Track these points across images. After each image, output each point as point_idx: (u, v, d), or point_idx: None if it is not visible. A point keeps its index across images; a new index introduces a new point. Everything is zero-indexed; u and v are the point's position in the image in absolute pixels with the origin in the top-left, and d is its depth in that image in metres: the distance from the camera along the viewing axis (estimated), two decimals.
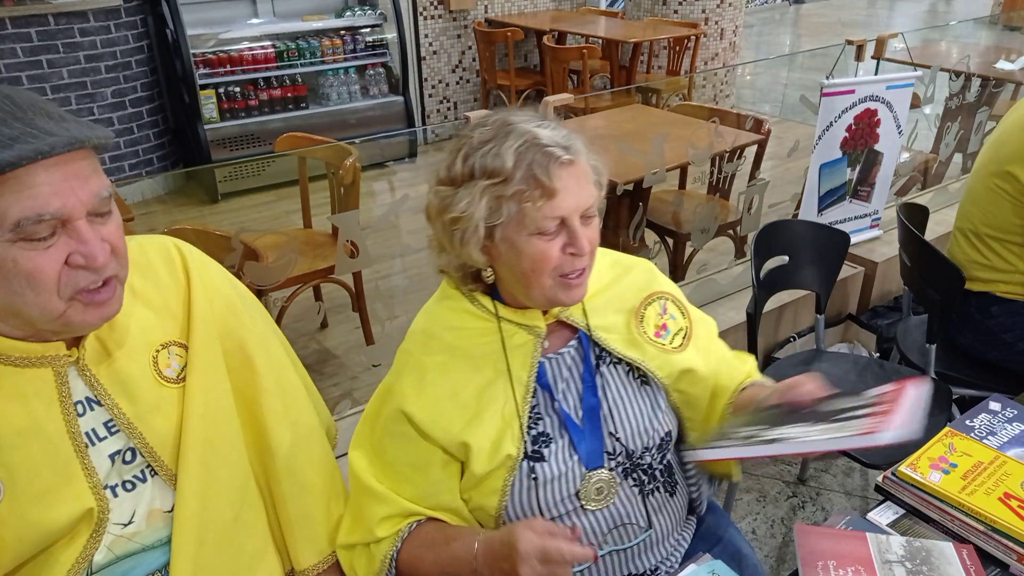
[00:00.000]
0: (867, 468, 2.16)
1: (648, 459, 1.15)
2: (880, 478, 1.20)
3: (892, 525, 1.13)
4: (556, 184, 0.99)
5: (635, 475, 1.14)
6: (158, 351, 1.03)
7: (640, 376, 1.16)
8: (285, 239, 2.65)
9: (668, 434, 1.18)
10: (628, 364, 1.16)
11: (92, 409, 0.98)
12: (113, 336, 0.99)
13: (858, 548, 1.03)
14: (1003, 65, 3.63)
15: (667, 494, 1.18)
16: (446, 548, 1.08)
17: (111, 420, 0.99)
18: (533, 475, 1.08)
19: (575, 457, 1.10)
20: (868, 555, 1.02)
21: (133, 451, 0.99)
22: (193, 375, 1.03)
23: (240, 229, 1.80)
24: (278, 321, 2.67)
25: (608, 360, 1.16)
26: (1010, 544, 1.05)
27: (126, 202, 2.36)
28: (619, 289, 1.20)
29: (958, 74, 3.27)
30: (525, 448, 1.09)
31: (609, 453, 1.12)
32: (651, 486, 1.16)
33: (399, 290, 3.28)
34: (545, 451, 1.10)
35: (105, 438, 0.98)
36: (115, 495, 0.98)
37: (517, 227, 1.01)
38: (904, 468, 1.17)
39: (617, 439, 1.13)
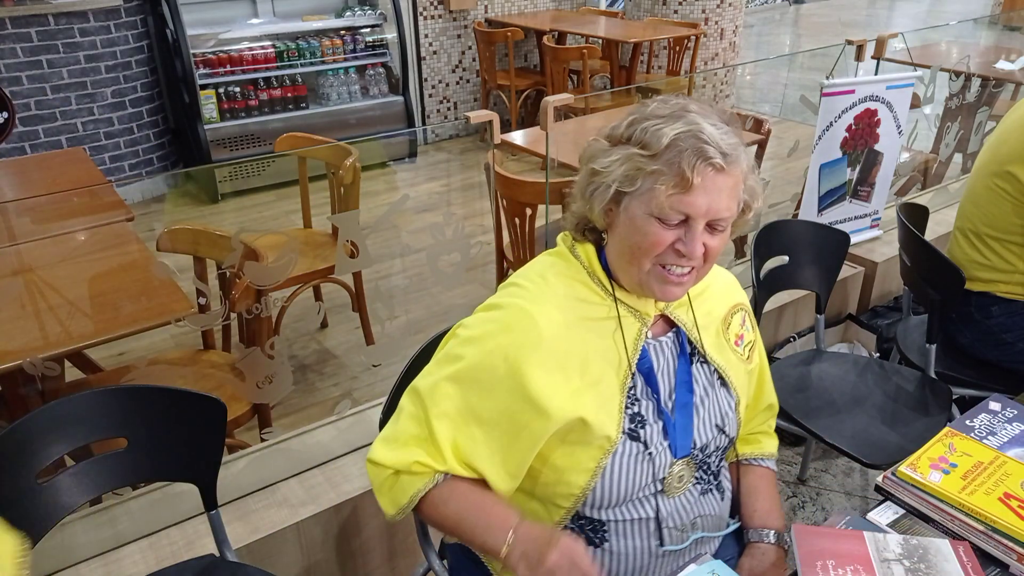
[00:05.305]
0: (867, 468, 2.15)
1: (711, 460, 1.19)
2: (880, 478, 1.19)
3: (892, 525, 1.13)
4: (695, 180, 1.00)
5: (700, 474, 1.17)
6: None
7: (720, 379, 1.20)
8: (285, 239, 2.64)
9: (732, 440, 1.22)
10: (713, 366, 1.19)
11: None
12: None
13: (856, 547, 1.03)
14: (1003, 65, 3.62)
15: (719, 495, 1.21)
16: (482, 505, 1.06)
17: None
18: (635, 438, 1.10)
19: (665, 443, 1.12)
20: (866, 554, 1.02)
21: None
22: None
23: (240, 229, 1.80)
24: (278, 320, 2.68)
25: (699, 359, 1.19)
26: (1010, 544, 1.05)
27: (126, 202, 2.36)
28: (713, 293, 1.23)
29: (958, 74, 3.27)
30: (623, 429, 1.10)
31: (695, 447, 1.16)
32: (710, 486, 1.19)
33: (399, 290, 3.28)
34: (640, 432, 1.11)
35: None
36: None
37: (643, 203, 1.03)
38: (904, 468, 1.17)
39: (702, 435, 1.16)
